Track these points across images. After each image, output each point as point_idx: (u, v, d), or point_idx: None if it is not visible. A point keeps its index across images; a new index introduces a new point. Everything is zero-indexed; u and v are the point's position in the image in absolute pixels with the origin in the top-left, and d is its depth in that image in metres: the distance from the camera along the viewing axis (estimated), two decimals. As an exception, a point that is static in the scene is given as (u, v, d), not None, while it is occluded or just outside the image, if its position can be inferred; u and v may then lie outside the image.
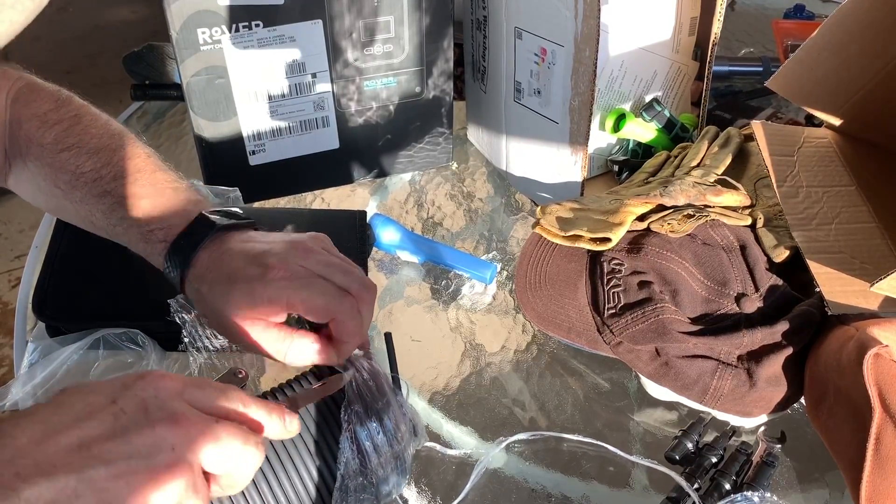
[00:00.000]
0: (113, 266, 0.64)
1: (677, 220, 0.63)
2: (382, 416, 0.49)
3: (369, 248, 0.75)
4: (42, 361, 0.59)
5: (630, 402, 0.68)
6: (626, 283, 0.61)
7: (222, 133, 0.80)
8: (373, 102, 0.84)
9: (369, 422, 0.49)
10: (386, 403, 0.50)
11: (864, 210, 0.68)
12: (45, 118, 0.61)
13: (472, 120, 0.96)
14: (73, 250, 0.65)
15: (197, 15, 0.72)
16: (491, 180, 0.93)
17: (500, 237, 0.85)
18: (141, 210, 0.57)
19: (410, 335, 0.74)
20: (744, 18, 1.21)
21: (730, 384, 0.59)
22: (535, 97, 0.79)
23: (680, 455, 0.59)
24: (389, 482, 0.50)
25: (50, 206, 0.64)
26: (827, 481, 0.61)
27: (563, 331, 0.65)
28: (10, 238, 2.05)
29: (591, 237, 0.63)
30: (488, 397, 0.68)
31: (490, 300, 0.77)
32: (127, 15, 2.74)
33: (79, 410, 0.38)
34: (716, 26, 0.79)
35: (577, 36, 0.70)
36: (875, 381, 0.52)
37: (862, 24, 0.70)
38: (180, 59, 0.74)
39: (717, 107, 0.93)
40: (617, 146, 0.84)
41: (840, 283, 0.61)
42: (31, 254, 0.80)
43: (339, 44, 0.78)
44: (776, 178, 0.68)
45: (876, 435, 0.50)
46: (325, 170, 0.87)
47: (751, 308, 0.61)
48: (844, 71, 0.73)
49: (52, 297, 0.63)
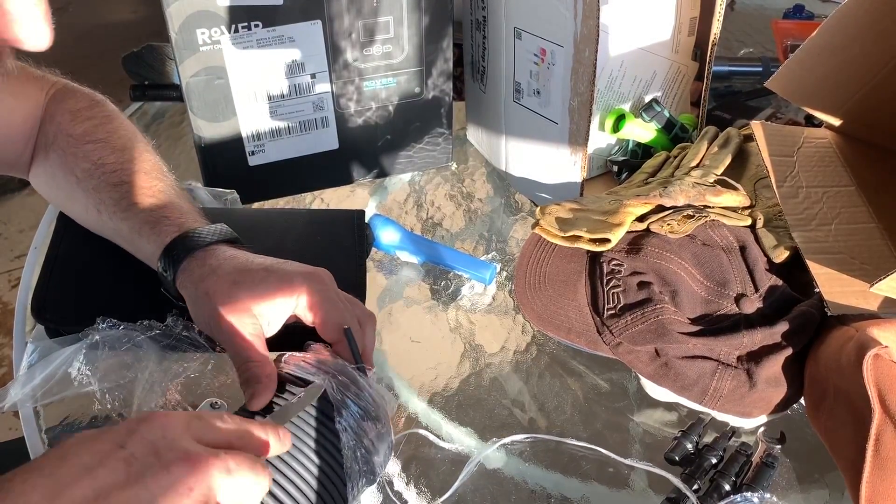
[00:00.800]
0: (112, 268, 0.64)
1: (677, 221, 0.63)
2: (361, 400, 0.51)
3: (368, 248, 0.75)
4: (41, 362, 0.59)
5: (630, 403, 0.67)
6: (626, 284, 0.61)
7: (221, 133, 0.80)
8: (372, 103, 0.84)
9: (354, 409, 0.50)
10: (360, 387, 0.51)
11: (864, 210, 0.68)
12: (78, 114, 0.64)
13: (472, 120, 0.96)
14: (72, 252, 0.65)
15: (196, 15, 0.71)
16: (490, 180, 0.93)
17: (499, 238, 0.85)
18: (156, 199, 0.60)
19: (410, 336, 0.74)
20: (743, 18, 1.21)
21: (729, 385, 0.59)
22: (534, 97, 0.79)
23: (679, 456, 0.59)
24: (380, 453, 0.52)
25: (59, 197, 0.65)
26: (827, 482, 0.61)
27: (562, 331, 0.65)
28: (10, 238, 2.05)
29: (591, 238, 0.63)
30: (488, 398, 0.68)
31: (490, 301, 0.77)
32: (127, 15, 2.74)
33: (87, 461, 0.37)
34: (715, 26, 0.79)
35: (577, 36, 0.70)
36: (875, 381, 0.51)
37: (862, 25, 0.70)
38: (179, 60, 0.74)
39: (716, 107, 0.93)
40: (616, 146, 0.84)
41: (840, 284, 0.61)
42: (31, 254, 0.80)
43: (338, 44, 0.78)
44: (776, 179, 0.68)
45: (876, 436, 0.50)
46: (325, 170, 0.87)
47: (750, 309, 0.61)
48: (844, 71, 0.73)
49: (50, 301, 0.63)
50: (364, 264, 0.69)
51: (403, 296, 0.78)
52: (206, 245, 0.56)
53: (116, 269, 0.63)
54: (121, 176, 0.61)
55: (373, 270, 0.80)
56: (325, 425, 0.49)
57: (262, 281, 0.54)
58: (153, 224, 0.58)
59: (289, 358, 0.53)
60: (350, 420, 0.49)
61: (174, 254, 0.56)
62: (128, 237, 0.60)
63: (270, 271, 0.54)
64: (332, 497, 0.48)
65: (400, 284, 0.79)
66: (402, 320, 0.76)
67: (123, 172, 0.61)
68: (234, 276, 0.54)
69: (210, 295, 0.53)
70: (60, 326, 0.63)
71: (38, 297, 0.63)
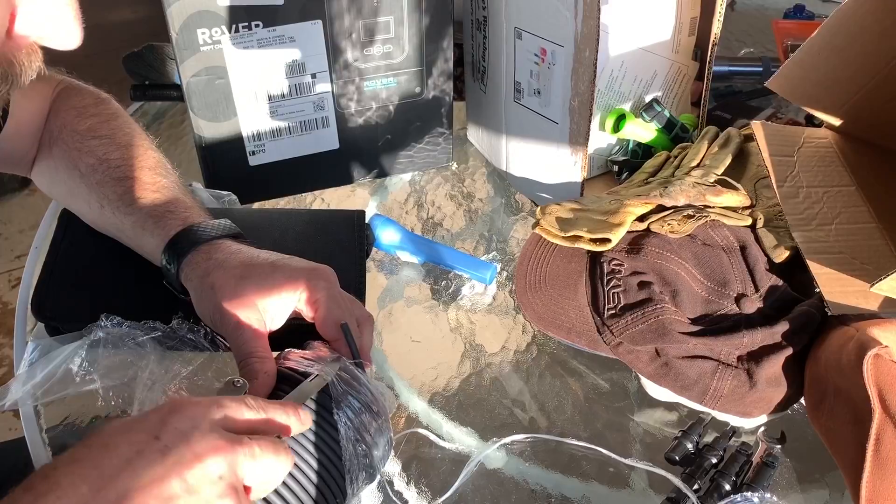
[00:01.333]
0: (113, 266, 0.64)
1: (677, 221, 0.63)
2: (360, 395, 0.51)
3: (369, 249, 0.75)
4: (42, 360, 0.59)
5: (630, 403, 0.67)
6: (626, 284, 0.61)
7: (222, 133, 0.80)
8: (373, 103, 0.84)
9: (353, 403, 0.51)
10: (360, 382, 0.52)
11: (864, 210, 0.68)
12: (84, 110, 0.65)
13: (472, 120, 0.96)
14: (73, 250, 0.65)
15: (197, 15, 0.71)
16: (491, 180, 0.93)
17: (500, 237, 0.85)
18: (160, 195, 0.60)
19: (410, 335, 0.74)
20: (744, 18, 1.21)
21: (730, 385, 0.59)
22: (535, 97, 0.79)
23: (680, 456, 0.59)
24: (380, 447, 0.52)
25: (62, 193, 0.66)
26: (827, 481, 0.61)
27: (563, 331, 0.65)
28: (10, 238, 2.05)
29: (591, 238, 0.63)
30: (488, 398, 0.68)
31: (490, 301, 0.77)
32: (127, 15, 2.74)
33: (126, 451, 0.38)
34: (716, 26, 0.79)
35: (577, 36, 0.70)
36: (875, 381, 0.51)
37: (862, 25, 0.70)
38: (180, 60, 0.74)
39: (717, 107, 0.93)
40: (617, 146, 0.84)
41: (840, 284, 0.61)
42: (31, 254, 0.80)
43: (338, 44, 0.78)
44: (776, 179, 0.68)
45: (876, 435, 0.50)
46: (325, 170, 0.87)
47: (751, 308, 0.61)
48: (844, 71, 0.73)
49: (51, 298, 0.63)
50: (364, 265, 0.69)
51: (404, 296, 0.78)
52: (211, 239, 0.57)
53: (117, 268, 0.64)
54: (125, 171, 0.61)
55: (373, 270, 0.80)
56: (324, 418, 0.49)
57: (268, 276, 0.54)
58: (157, 218, 0.59)
59: (289, 353, 0.54)
60: (349, 413, 0.50)
61: (179, 247, 0.56)
62: (130, 232, 0.60)
63: (276, 266, 0.55)
64: (332, 490, 0.48)
65: (400, 284, 0.79)
66: (402, 320, 0.76)
67: (127, 168, 0.61)
68: (240, 271, 0.54)
69: (216, 288, 0.53)
70: (61, 324, 0.63)
71: (39, 294, 0.63)
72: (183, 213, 0.59)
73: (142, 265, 0.61)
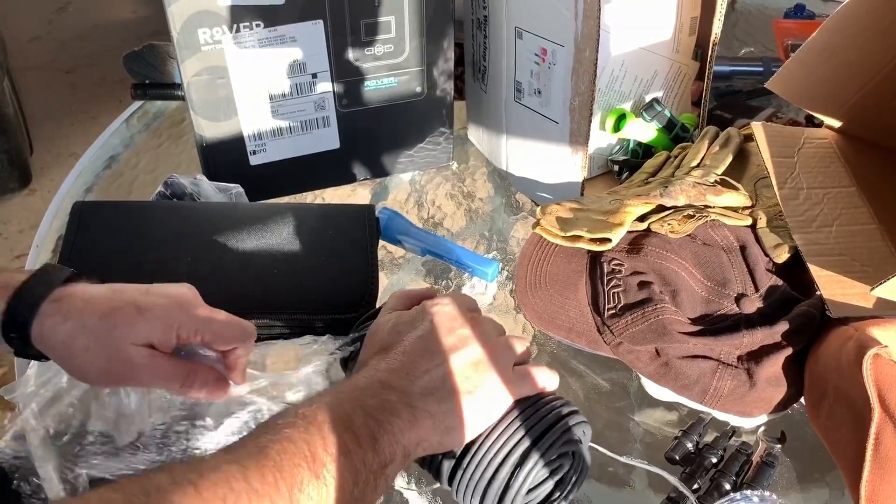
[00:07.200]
0: (124, 266, 0.64)
1: (677, 221, 0.64)
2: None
3: (376, 241, 0.75)
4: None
5: (630, 403, 0.68)
6: (626, 284, 0.62)
7: (223, 133, 0.80)
8: (373, 102, 0.84)
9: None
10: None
11: (865, 211, 0.68)
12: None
13: (473, 120, 0.96)
14: (85, 247, 0.65)
15: (197, 15, 0.72)
16: (491, 180, 0.93)
17: (500, 237, 0.85)
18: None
19: (411, 335, 0.74)
20: (744, 18, 1.21)
21: (730, 384, 0.59)
22: (535, 97, 0.79)
23: (680, 455, 0.59)
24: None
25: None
26: (827, 481, 0.61)
27: (563, 331, 0.65)
28: (10, 238, 2.04)
29: (591, 237, 0.63)
30: (488, 397, 0.68)
31: (490, 300, 0.77)
32: (127, 15, 2.74)
33: (444, 328, 0.52)
34: (716, 26, 0.79)
35: (578, 36, 0.70)
36: (874, 381, 0.52)
37: (862, 25, 0.70)
38: (181, 60, 0.74)
39: (717, 107, 0.93)
40: (617, 146, 0.84)
41: (840, 286, 0.61)
42: (32, 254, 0.80)
43: (339, 44, 0.79)
44: (777, 180, 0.68)
45: (875, 435, 0.50)
46: (326, 170, 0.87)
47: (751, 308, 0.61)
48: (845, 71, 0.73)
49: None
50: (376, 260, 0.69)
51: (404, 295, 0.78)
52: (59, 285, 0.50)
53: (128, 268, 0.63)
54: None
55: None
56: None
57: (155, 299, 0.50)
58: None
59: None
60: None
61: (23, 305, 0.48)
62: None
63: (142, 292, 0.51)
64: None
65: (401, 283, 0.79)
66: (402, 320, 0.75)
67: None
68: (126, 300, 0.49)
69: (119, 324, 0.48)
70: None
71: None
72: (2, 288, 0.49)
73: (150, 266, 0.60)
